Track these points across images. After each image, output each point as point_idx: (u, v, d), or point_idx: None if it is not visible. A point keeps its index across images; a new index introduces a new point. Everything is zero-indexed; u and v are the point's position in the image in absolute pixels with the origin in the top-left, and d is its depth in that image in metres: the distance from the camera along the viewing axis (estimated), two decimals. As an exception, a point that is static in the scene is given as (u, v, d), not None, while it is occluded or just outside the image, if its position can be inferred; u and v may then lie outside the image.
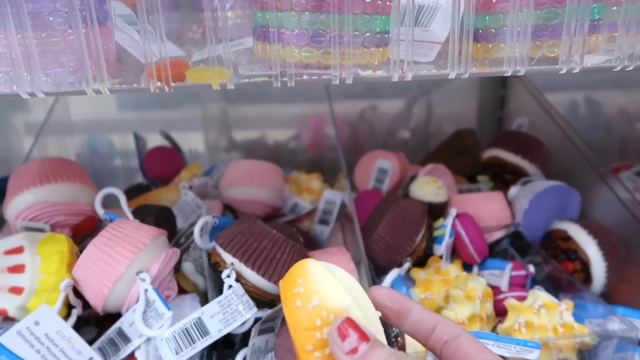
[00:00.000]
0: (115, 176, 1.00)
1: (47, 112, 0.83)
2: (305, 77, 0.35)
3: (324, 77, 0.36)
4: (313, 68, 0.36)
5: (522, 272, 0.61)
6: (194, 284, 0.57)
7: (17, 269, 0.50)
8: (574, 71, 0.36)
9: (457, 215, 0.62)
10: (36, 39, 0.33)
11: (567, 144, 0.73)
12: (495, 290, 0.59)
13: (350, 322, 0.28)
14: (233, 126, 1.01)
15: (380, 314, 0.32)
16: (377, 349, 0.28)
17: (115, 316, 0.51)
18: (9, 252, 0.51)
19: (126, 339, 0.49)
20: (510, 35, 0.38)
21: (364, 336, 0.28)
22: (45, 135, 0.81)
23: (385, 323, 0.51)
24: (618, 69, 0.38)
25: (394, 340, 0.50)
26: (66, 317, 0.49)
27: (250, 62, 0.39)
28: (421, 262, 0.62)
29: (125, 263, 0.48)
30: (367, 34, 0.37)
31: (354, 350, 0.28)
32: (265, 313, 0.49)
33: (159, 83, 0.35)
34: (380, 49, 0.38)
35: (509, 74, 0.36)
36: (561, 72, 0.36)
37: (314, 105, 0.97)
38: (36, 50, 0.33)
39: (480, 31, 0.40)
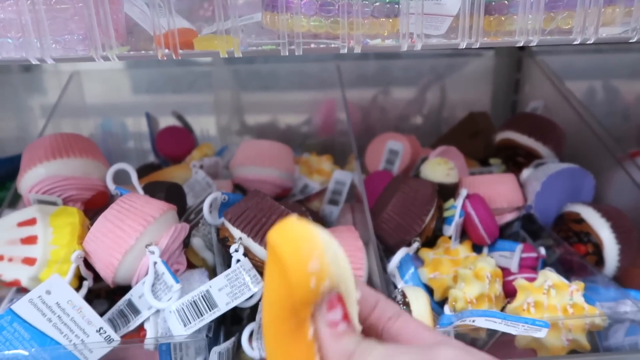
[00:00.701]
0: (128, 158, 1.01)
1: (60, 92, 0.83)
2: (313, 45, 0.35)
3: (332, 46, 0.35)
4: (322, 38, 0.36)
5: (533, 254, 0.60)
6: (202, 259, 0.57)
7: (30, 240, 0.51)
8: (588, 42, 0.35)
9: (468, 196, 0.61)
10: (45, 5, 0.33)
11: (583, 127, 0.72)
12: (505, 271, 0.59)
13: (341, 299, 0.28)
14: (245, 111, 1.01)
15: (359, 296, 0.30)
16: (354, 334, 0.28)
17: (125, 290, 0.52)
18: (21, 224, 0.52)
19: (136, 311, 0.50)
20: (523, 7, 0.37)
21: (346, 317, 0.28)
22: (60, 117, 0.82)
23: (394, 302, 0.51)
24: (634, 39, 0.37)
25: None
26: (77, 289, 0.50)
27: (259, 35, 0.39)
28: (430, 242, 0.62)
29: (135, 235, 0.49)
30: (377, 4, 0.36)
31: (334, 324, 0.27)
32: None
33: (166, 50, 0.35)
34: (390, 20, 0.38)
35: (522, 44, 0.35)
36: (575, 42, 0.35)
37: (326, 92, 0.96)
38: (45, 16, 0.34)
39: (493, 3, 0.40)
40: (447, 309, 0.55)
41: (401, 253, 0.57)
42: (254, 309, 0.54)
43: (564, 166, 0.64)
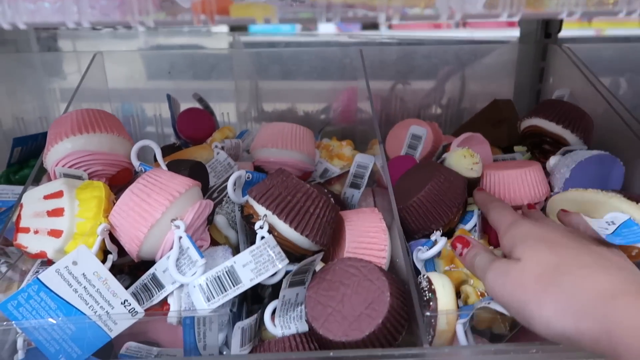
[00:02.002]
0: (148, 142, 1.01)
1: (83, 73, 0.84)
2: (350, 14, 0.35)
3: (370, 14, 0.35)
4: (358, 7, 0.35)
5: None
6: (225, 237, 0.57)
7: (56, 212, 0.51)
8: (633, 14, 0.34)
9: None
10: (83, -31, 0.33)
11: (611, 115, 0.70)
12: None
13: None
14: (264, 98, 1.01)
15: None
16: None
17: (148, 266, 0.52)
18: (48, 197, 0.52)
19: (160, 285, 0.50)
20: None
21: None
22: (81, 102, 0.82)
23: (419, 288, 0.50)
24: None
25: (425, 304, 0.50)
26: (102, 262, 0.50)
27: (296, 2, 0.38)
28: (449, 234, 0.61)
29: (161, 209, 0.48)
30: (416, -27, 0.36)
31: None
32: (296, 266, 0.49)
33: (203, 16, 0.34)
34: (428, -9, 0.37)
35: (564, 16, 0.34)
36: (620, 14, 0.34)
37: (347, 80, 0.96)
38: (83, -20, 0.33)
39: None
40: (460, 303, 0.54)
41: (442, 243, 0.56)
42: (276, 288, 0.54)
43: (593, 153, 0.63)
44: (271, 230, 0.50)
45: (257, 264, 0.48)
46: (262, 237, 0.50)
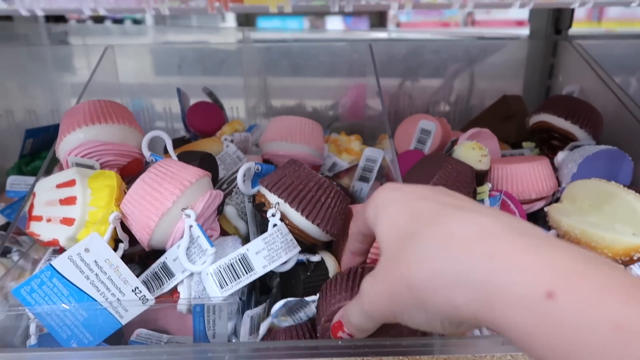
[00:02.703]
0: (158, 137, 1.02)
1: (95, 66, 0.84)
2: (363, 2, 0.35)
3: (382, 3, 0.35)
4: (370, -4, 0.36)
5: None
6: (235, 227, 0.57)
7: (69, 201, 0.51)
8: (647, 4, 0.34)
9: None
10: (100, -45, 0.34)
11: (622, 111, 0.70)
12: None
13: None
14: (272, 94, 1.01)
15: None
16: None
17: (158, 256, 0.52)
18: (61, 186, 0.53)
19: (170, 274, 0.51)
20: (577, -30, 0.36)
21: None
22: (92, 96, 0.83)
23: None
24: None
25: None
26: (114, 251, 0.50)
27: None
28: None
29: (172, 198, 0.49)
30: (428, -37, 0.36)
31: None
32: (305, 257, 0.49)
33: (217, 4, 0.35)
34: (440, -19, 0.37)
35: (577, 6, 0.34)
36: (633, 4, 0.34)
37: (355, 77, 0.96)
38: (99, -33, 0.34)
39: (545, -32, 0.39)
40: None
41: None
42: (284, 279, 0.54)
43: (602, 148, 0.63)
44: (282, 218, 0.51)
45: (270, 251, 0.49)
46: (275, 225, 0.50)
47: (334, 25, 2.59)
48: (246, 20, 2.45)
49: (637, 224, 0.52)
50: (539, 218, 0.65)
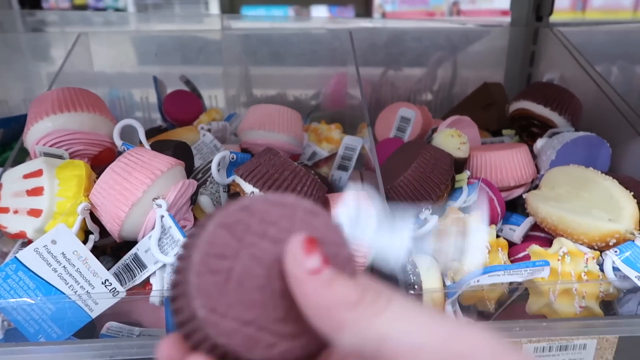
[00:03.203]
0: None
1: (67, 53, 0.82)
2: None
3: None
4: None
5: (542, 234, 0.59)
6: (210, 217, 0.56)
7: (36, 191, 0.50)
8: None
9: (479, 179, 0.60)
10: None
11: (601, 98, 0.70)
12: (522, 245, 0.58)
13: (314, 242, 0.22)
14: (253, 84, 0.99)
15: None
16: (350, 278, 0.22)
17: (131, 247, 0.51)
18: (27, 176, 0.51)
19: (142, 265, 0.49)
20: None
21: (327, 261, 0.22)
22: (64, 85, 0.81)
23: (405, 271, 0.50)
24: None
25: (410, 287, 0.49)
26: (84, 243, 0.49)
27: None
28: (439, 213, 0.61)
29: (142, 188, 0.48)
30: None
31: (317, 271, 0.22)
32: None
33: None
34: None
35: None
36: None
37: (337, 66, 0.94)
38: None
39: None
40: (446, 280, 0.54)
41: (434, 220, 0.55)
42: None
43: (580, 134, 0.63)
44: (255, 209, 0.50)
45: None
46: (246, 216, 0.49)
47: (319, 12, 2.56)
48: (230, 8, 2.41)
49: (613, 209, 0.52)
50: (517, 205, 0.65)
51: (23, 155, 0.64)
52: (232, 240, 0.23)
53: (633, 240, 0.50)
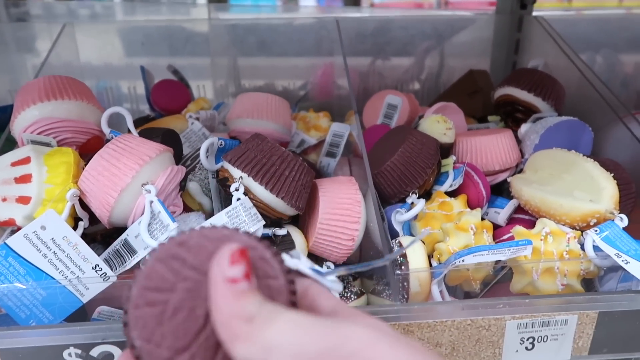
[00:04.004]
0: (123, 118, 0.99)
1: (52, 43, 0.81)
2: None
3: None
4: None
5: (525, 217, 0.60)
6: (199, 204, 0.57)
7: (24, 179, 0.50)
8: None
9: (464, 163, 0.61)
10: None
11: (584, 84, 0.71)
12: (506, 227, 0.59)
13: (245, 254, 0.23)
14: (242, 76, 0.99)
15: None
16: (257, 296, 0.23)
17: (121, 234, 0.51)
18: (15, 164, 0.51)
19: (132, 251, 0.50)
20: None
21: (249, 276, 0.23)
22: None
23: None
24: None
25: (397, 268, 0.50)
26: (73, 229, 0.49)
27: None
28: (425, 196, 0.62)
29: (131, 173, 0.48)
30: None
31: (234, 281, 0.23)
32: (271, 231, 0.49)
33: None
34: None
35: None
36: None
37: (325, 59, 0.95)
38: None
39: None
40: (433, 262, 0.55)
41: (420, 204, 0.56)
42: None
43: (563, 119, 0.64)
44: (247, 193, 0.50)
45: (233, 224, 0.48)
46: (238, 199, 0.49)
47: (307, 3, 2.55)
48: None
49: (594, 190, 0.53)
50: (503, 190, 0.66)
51: (10, 146, 0.64)
52: (168, 273, 0.25)
53: (613, 220, 0.52)
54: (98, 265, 0.47)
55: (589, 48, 0.93)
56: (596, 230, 0.51)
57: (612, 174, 0.58)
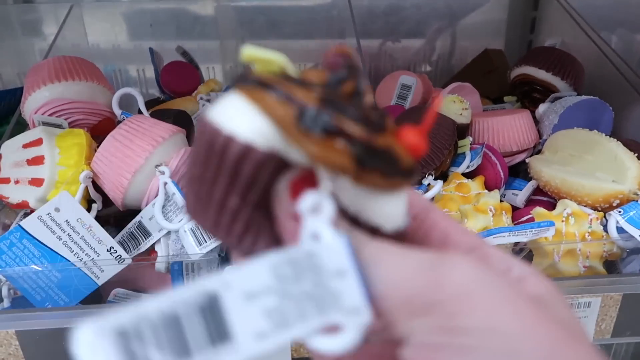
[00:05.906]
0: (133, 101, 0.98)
1: (60, 26, 0.80)
2: None
3: None
4: None
5: (544, 198, 0.59)
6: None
7: (36, 160, 0.49)
8: None
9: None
10: None
11: (603, 62, 0.69)
12: (525, 209, 0.58)
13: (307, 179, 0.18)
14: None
15: None
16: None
17: (134, 217, 0.51)
18: (27, 145, 0.51)
19: (146, 233, 0.49)
20: None
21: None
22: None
23: None
24: None
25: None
26: (87, 212, 0.49)
27: None
28: (442, 178, 0.61)
29: (144, 155, 0.47)
30: None
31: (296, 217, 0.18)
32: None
33: None
34: None
35: None
36: None
37: (335, 41, 0.93)
38: None
39: None
40: None
41: (438, 186, 0.55)
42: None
43: (583, 98, 0.62)
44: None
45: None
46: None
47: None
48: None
49: (617, 171, 0.52)
50: (520, 171, 0.65)
51: (20, 129, 0.63)
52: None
53: (637, 201, 0.50)
54: (113, 248, 0.47)
55: (606, 24, 0.90)
56: (620, 211, 0.49)
57: (636, 154, 0.57)
